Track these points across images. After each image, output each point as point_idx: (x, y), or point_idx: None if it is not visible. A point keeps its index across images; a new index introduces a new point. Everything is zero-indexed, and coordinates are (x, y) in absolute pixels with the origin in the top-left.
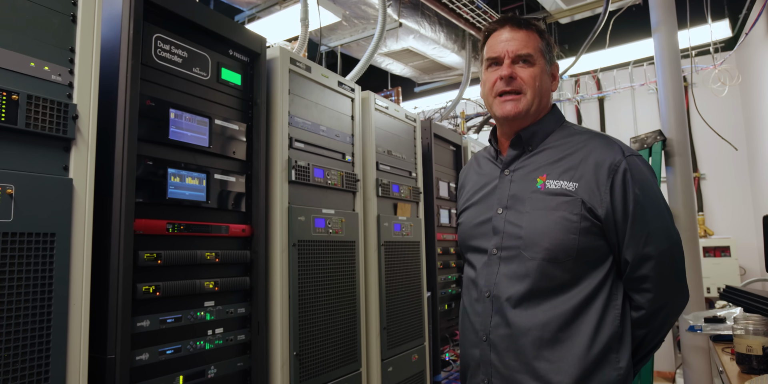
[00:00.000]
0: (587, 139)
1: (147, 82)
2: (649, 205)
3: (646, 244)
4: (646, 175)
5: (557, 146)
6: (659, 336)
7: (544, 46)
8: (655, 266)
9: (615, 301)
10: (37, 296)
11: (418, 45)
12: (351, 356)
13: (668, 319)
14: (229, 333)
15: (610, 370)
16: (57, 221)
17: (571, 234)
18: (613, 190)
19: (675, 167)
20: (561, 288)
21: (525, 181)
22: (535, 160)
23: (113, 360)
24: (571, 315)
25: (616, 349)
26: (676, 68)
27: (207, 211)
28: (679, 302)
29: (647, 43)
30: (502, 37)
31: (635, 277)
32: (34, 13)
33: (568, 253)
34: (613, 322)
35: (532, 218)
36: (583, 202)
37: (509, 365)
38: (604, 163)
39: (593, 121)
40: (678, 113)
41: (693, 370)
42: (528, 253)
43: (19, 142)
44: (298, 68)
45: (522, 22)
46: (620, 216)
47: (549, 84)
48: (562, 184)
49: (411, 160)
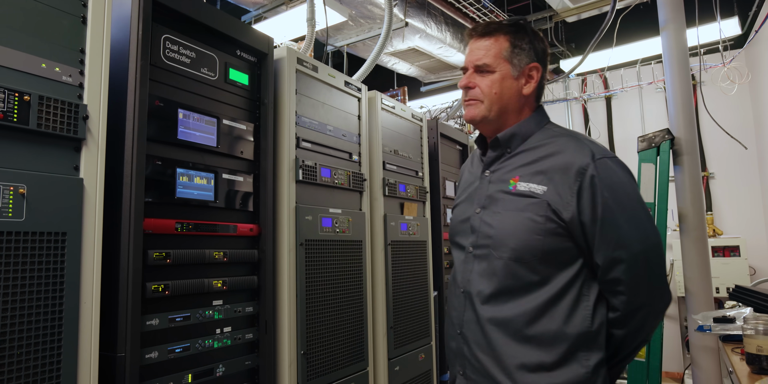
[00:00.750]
0: (563, 142)
1: (156, 83)
2: (620, 208)
3: (617, 248)
4: (619, 178)
5: (534, 148)
6: (640, 337)
7: (511, 51)
8: (627, 270)
9: (585, 302)
10: (48, 295)
11: (425, 44)
12: (358, 355)
13: (647, 321)
14: (237, 332)
15: (578, 367)
16: (68, 221)
17: (536, 235)
18: (581, 194)
19: (683, 166)
20: (527, 287)
21: (500, 183)
22: (512, 162)
23: (123, 358)
24: (537, 313)
25: (585, 347)
26: (684, 66)
27: (215, 211)
28: (659, 305)
29: (655, 42)
30: (469, 48)
31: (607, 280)
32: (44, 15)
33: (534, 254)
34: (582, 322)
35: (502, 218)
36: (548, 205)
37: (479, 358)
38: (572, 167)
39: (600, 120)
40: (686, 112)
41: (702, 371)
42: (496, 253)
43: (30, 142)
44: (305, 68)
45: (485, 31)
46: (588, 219)
47: (517, 87)
48: (530, 187)
49: (417, 160)
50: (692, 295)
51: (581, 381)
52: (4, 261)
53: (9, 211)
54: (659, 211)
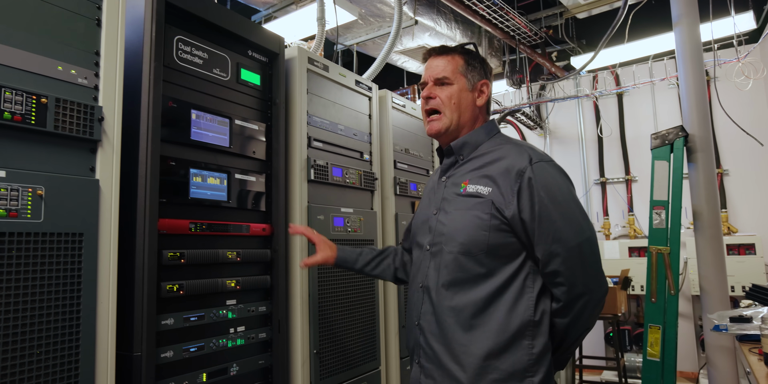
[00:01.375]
0: (506, 149)
1: (169, 84)
2: (555, 206)
3: (554, 242)
4: (554, 179)
5: (482, 156)
6: (581, 324)
7: (464, 68)
8: (564, 261)
9: (528, 294)
10: (66, 295)
11: (434, 42)
12: (370, 354)
13: (586, 309)
14: (251, 331)
15: (522, 354)
16: (85, 221)
17: (482, 231)
18: (521, 194)
19: (697, 163)
20: (475, 279)
21: (453, 187)
22: (464, 168)
23: (139, 357)
24: (484, 303)
25: (530, 336)
26: (698, 62)
27: (228, 211)
28: (597, 293)
29: (667, 37)
30: (428, 65)
31: (547, 273)
32: (60, 18)
33: (480, 248)
34: (525, 312)
35: (452, 217)
36: (492, 203)
37: (433, 347)
38: (513, 169)
39: (612, 118)
40: (700, 108)
41: (718, 371)
42: (447, 248)
43: (47, 144)
44: (316, 68)
45: (442, 51)
46: (528, 216)
47: (472, 99)
48: (477, 188)
49: (428, 159)
50: (707, 294)
51: (526, 367)
52: (23, 261)
53: (28, 212)
54: (673, 210)
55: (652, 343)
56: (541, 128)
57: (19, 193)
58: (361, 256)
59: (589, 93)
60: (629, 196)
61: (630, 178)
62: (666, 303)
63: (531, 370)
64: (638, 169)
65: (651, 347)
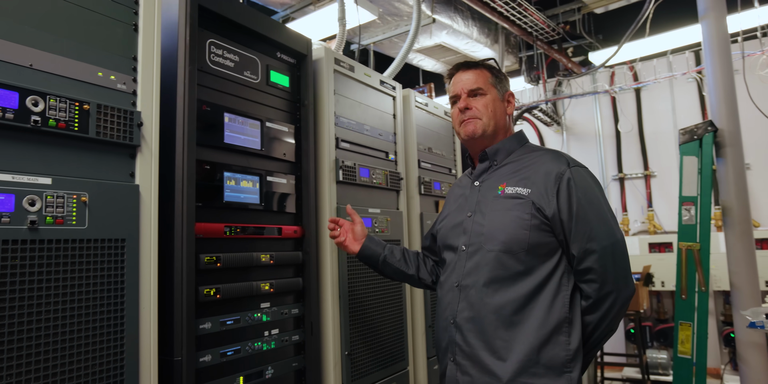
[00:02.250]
0: (541, 155)
1: (202, 88)
2: (591, 207)
3: (589, 240)
4: (589, 183)
5: (517, 161)
6: (608, 323)
7: (494, 80)
8: (598, 259)
9: (564, 291)
10: (111, 301)
11: (451, 40)
12: (399, 355)
13: (614, 307)
14: (284, 334)
15: (559, 350)
16: (126, 227)
17: (524, 229)
18: (559, 194)
19: (726, 158)
20: (515, 276)
21: (489, 190)
22: (499, 173)
23: (180, 362)
24: (524, 300)
25: (566, 332)
26: (726, 56)
27: (261, 213)
28: (625, 293)
29: (687, 31)
30: (458, 79)
31: (581, 269)
32: (99, 24)
33: (521, 246)
34: (561, 309)
35: (492, 217)
36: (533, 203)
37: (471, 343)
38: (552, 173)
39: (630, 113)
40: (729, 103)
41: (750, 367)
42: (488, 246)
43: (90, 150)
44: (342, 68)
45: (471, 65)
46: (566, 216)
47: (503, 108)
48: (517, 190)
49: (450, 157)
50: (738, 290)
51: (564, 362)
52: (70, 268)
53: (73, 218)
54: (703, 205)
55: (683, 340)
56: (558, 125)
57: (65, 200)
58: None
59: (608, 88)
60: (648, 192)
61: (649, 174)
62: (697, 300)
63: (569, 366)
64: (657, 164)
65: (682, 345)
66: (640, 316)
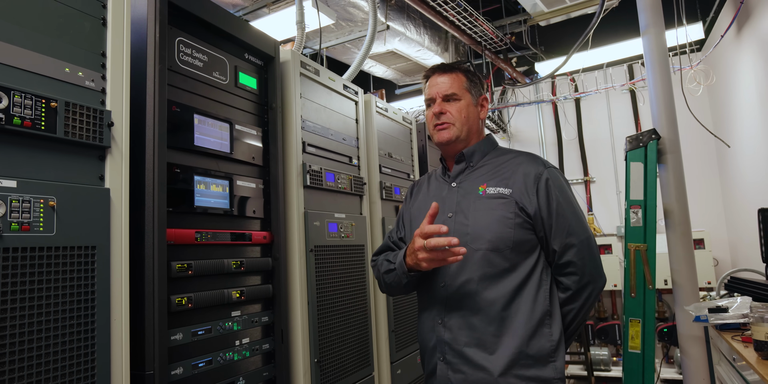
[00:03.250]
0: (516, 156)
1: (172, 88)
2: (567, 204)
3: (569, 235)
4: (563, 183)
5: (492, 163)
6: (585, 312)
7: (468, 84)
8: (577, 252)
9: (545, 285)
10: (81, 312)
11: (403, 47)
12: (364, 360)
13: (591, 297)
14: (255, 342)
15: (544, 341)
16: (97, 234)
17: (508, 228)
18: (539, 193)
19: (667, 164)
20: (502, 273)
21: (469, 191)
22: (476, 174)
23: (152, 376)
24: (511, 296)
25: (548, 324)
26: (665, 68)
27: (230, 219)
28: (600, 283)
29: (623, 46)
30: (434, 82)
31: (562, 263)
32: (66, 17)
33: (506, 244)
34: (543, 302)
35: (476, 217)
36: (516, 203)
37: (460, 341)
38: (531, 173)
39: (571, 121)
40: (669, 112)
41: (691, 359)
42: (474, 245)
43: (57, 151)
44: (308, 71)
45: (447, 68)
46: (545, 213)
47: (476, 113)
48: (499, 190)
49: (408, 162)
50: (680, 287)
51: (549, 353)
52: (37, 279)
53: (40, 225)
54: (649, 208)
55: (633, 335)
56: (504, 132)
57: (31, 204)
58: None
59: (554, 98)
60: (588, 197)
61: (588, 179)
62: (644, 297)
63: (553, 356)
64: (596, 170)
65: (632, 340)
66: None
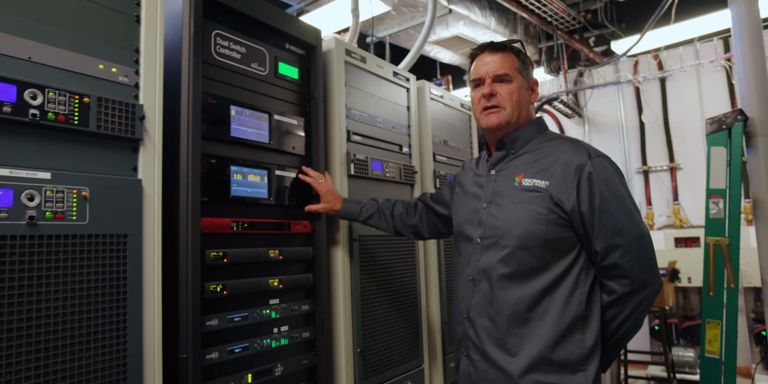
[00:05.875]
0: (560, 144)
1: (207, 80)
2: (614, 200)
3: (614, 235)
4: (611, 174)
5: (535, 150)
6: (635, 321)
7: (521, 65)
8: (623, 254)
9: (582, 288)
10: (113, 298)
11: (468, 31)
12: (413, 352)
13: (642, 303)
14: (294, 331)
15: (574, 348)
16: (129, 222)
17: (540, 225)
18: (580, 187)
19: (758, 149)
20: (530, 272)
21: (506, 180)
22: (516, 162)
23: (185, 359)
24: (539, 296)
25: (581, 330)
26: (757, 41)
27: (269, 208)
28: (652, 287)
29: (714, 18)
30: (483, 61)
31: (605, 265)
32: (100, 16)
33: (537, 242)
34: (578, 306)
35: (507, 211)
36: (551, 197)
37: (483, 339)
38: (572, 164)
39: (655, 104)
40: (760, 90)
41: None
42: (503, 241)
43: (90, 144)
44: (354, 59)
45: (499, 47)
46: (587, 209)
47: (527, 97)
48: (534, 182)
49: (467, 150)
50: None
51: (578, 360)
52: (71, 264)
53: (73, 214)
54: (732, 197)
55: (710, 339)
56: (579, 116)
57: (65, 194)
58: (364, 209)
59: (631, 78)
60: (674, 185)
61: (674, 166)
62: (726, 297)
63: (584, 364)
64: (683, 156)
65: (710, 344)
66: (665, 313)
